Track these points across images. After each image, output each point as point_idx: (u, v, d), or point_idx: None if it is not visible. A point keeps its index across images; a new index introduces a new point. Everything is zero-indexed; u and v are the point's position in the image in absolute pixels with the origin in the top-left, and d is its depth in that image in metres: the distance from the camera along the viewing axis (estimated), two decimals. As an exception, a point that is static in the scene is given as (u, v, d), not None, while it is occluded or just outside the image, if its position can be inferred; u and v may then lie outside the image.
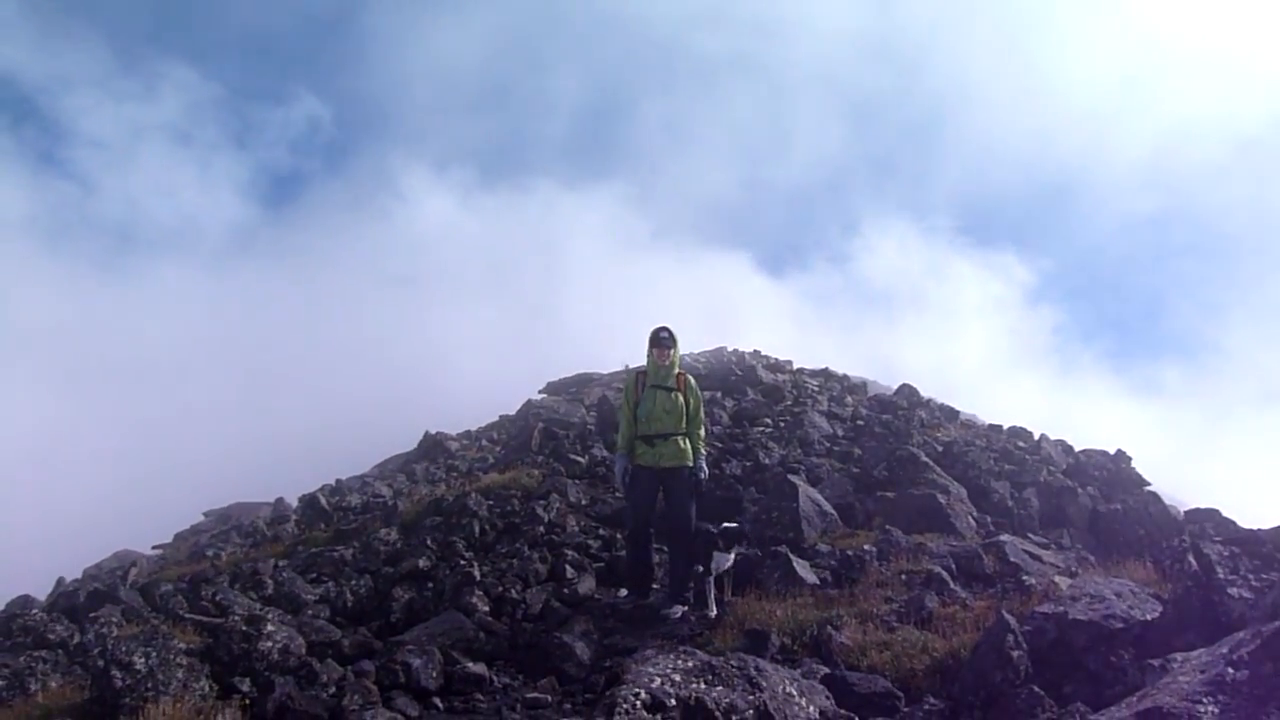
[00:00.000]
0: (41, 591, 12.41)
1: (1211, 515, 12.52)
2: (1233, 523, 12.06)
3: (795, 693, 3.50)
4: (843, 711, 3.64)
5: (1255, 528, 8.00)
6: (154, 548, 17.17)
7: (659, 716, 3.15)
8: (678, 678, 3.38)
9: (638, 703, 3.17)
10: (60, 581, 13.46)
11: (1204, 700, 3.42)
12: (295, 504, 16.50)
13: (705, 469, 8.29)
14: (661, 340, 8.05)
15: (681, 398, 8.00)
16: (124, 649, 5.98)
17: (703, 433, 8.22)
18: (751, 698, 3.28)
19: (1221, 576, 5.20)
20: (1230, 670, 3.54)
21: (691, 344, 30.89)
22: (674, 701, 3.20)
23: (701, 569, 7.58)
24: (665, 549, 8.52)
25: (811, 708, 3.50)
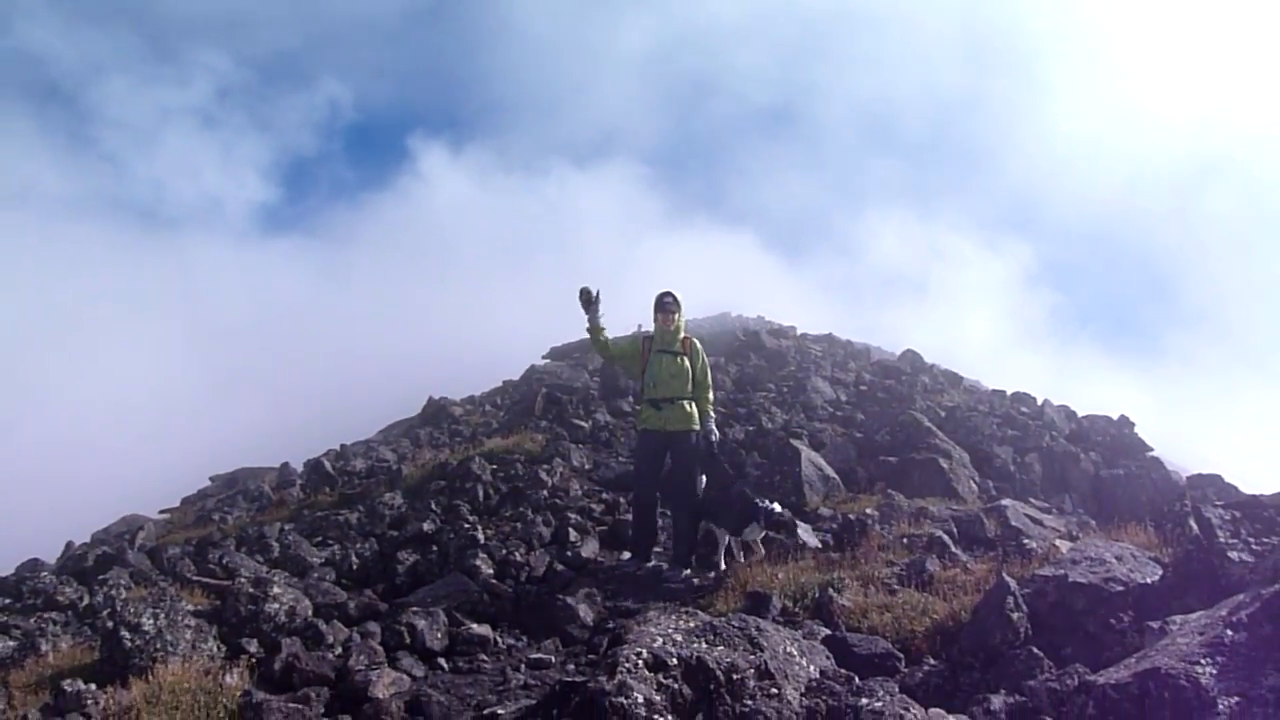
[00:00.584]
0: (50, 555, 12.51)
1: (1213, 481, 12.56)
2: (1235, 488, 12.09)
3: (796, 653, 3.54)
4: (843, 671, 3.68)
5: (1257, 493, 8.02)
6: (160, 512, 17.25)
7: (661, 675, 3.18)
8: (679, 638, 3.41)
9: (640, 661, 3.20)
10: (69, 545, 13.56)
11: (1202, 661, 3.45)
12: (300, 469, 16.58)
13: (716, 431, 8.32)
14: (665, 305, 8.02)
15: (688, 361, 7.98)
16: (133, 610, 6.04)
17: (711, 396, 8.21)
18: (753, 657, 3.31)
19: (1222, 540, 5.22)
20: (1229, 632, 3.56)
21: (696, 310, 30.85)
22: (675, 661, 3.23)
23: (721, 530, 7.64)
24: (669, 513, 8.57)
25: (812, 667, 3.53)
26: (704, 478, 8.08)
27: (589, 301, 8.01)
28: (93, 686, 5.46)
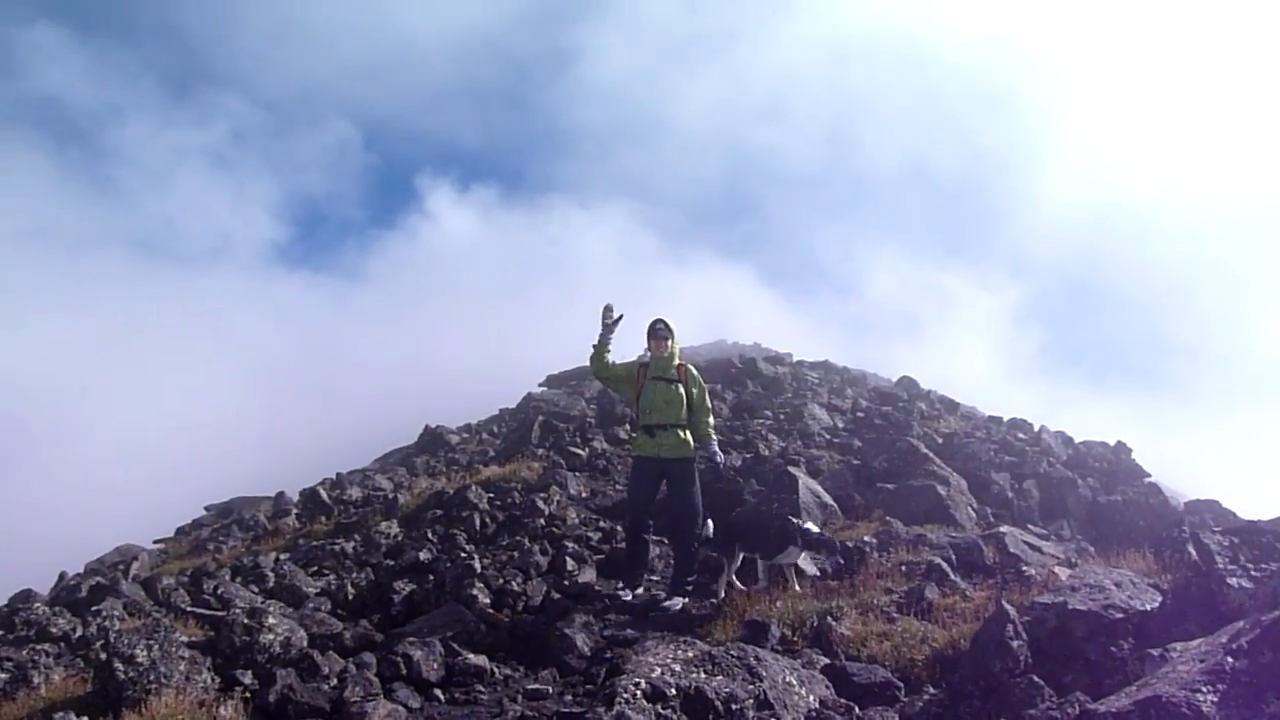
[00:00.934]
0: (43, 585, 12.41)
1: (1211, 506, 12.55)
2: (1232, 514, 12.08)
3: (795, 682, 3.51)
4: (842, 701, 3.65)
5: (1255, 519, 8.01)
6: (155, 542, 17.14)
7: (659, 706, 3.15)
8: (678, 667, 3.39)
9: (638, 692, 3.18)
10: (62, 575, 13.46)
11: (1203, 689, 3.43)
12: (295, 498, 16.52)
13: (720, 454, 8.32)
14: (658, 332, 8.05)
15: (683, 389, 8.00)
16: (126, 642, 5.99)
17: (711, 420, 8.22)
18: (751, 687, 3.29)
19: (1221, 566, 5.22)
20: (1229, 659, 3.55)
21: (692, 338, 30.90)
22: (674, 691, 3.21)
23: (726, 557, 7.65)
24: (666, 541, 8.54)
25: (811, 697, 3.50)
26: (710, 524, 8.05)
27: (609, 319, 8.08)
28: (85, 719, 5.42)
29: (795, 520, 7.69)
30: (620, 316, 8.11)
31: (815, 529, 7.70)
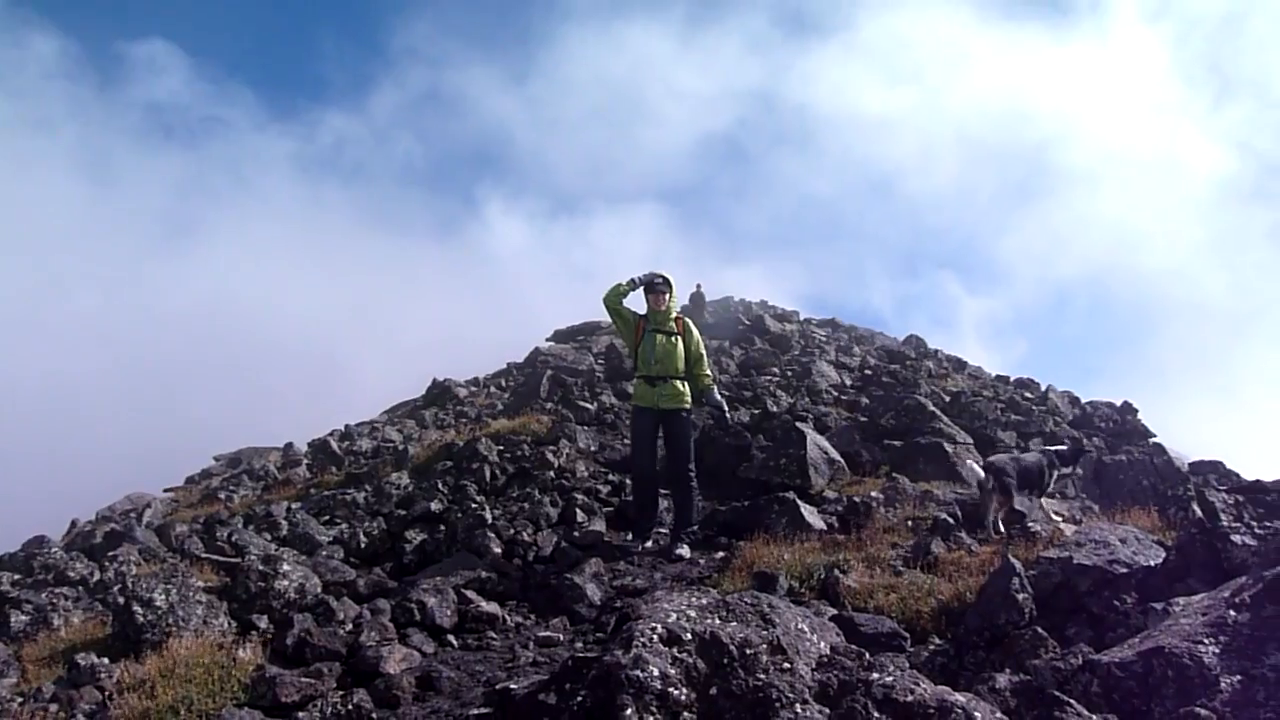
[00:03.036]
0: (53, 533, 12.59)
1: (1216, 467, 12.61)
2: (1237, 474, 12.14)
3: (807, 629, 3.58)
4: (853, 647, 3.73)
5: (1259, 479, 8.06)
6: (165, 490, 17.33)
7: (675, 649, 3.22)
8: (693, 613, 3.46)
9: (655, 636, 3.25)
10: (74, 523, 13.64)
11: (1205, 640, 3.49)
12: (304, 449, 16.65)
13: (724, 403, 8.56)
14: (656, 286, 8.16)
15: (681, 341, 8.14)
16: (144, 586, 6.11)
17: (709, 369, 8.40)
18: (765, 633, 3.36)
19: (1225, 524, 5.26)
20: (1232, 613, 3.61)
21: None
22: (690, 635, 3.28)
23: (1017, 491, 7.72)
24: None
25: (823, 644, 3.57)
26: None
27: (648, 279, 8.22)
28: (106, 660, 5.54)
29: (1049, 453, 8.08)
30: (651, 278, 8.19)
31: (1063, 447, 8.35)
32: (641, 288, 8.21)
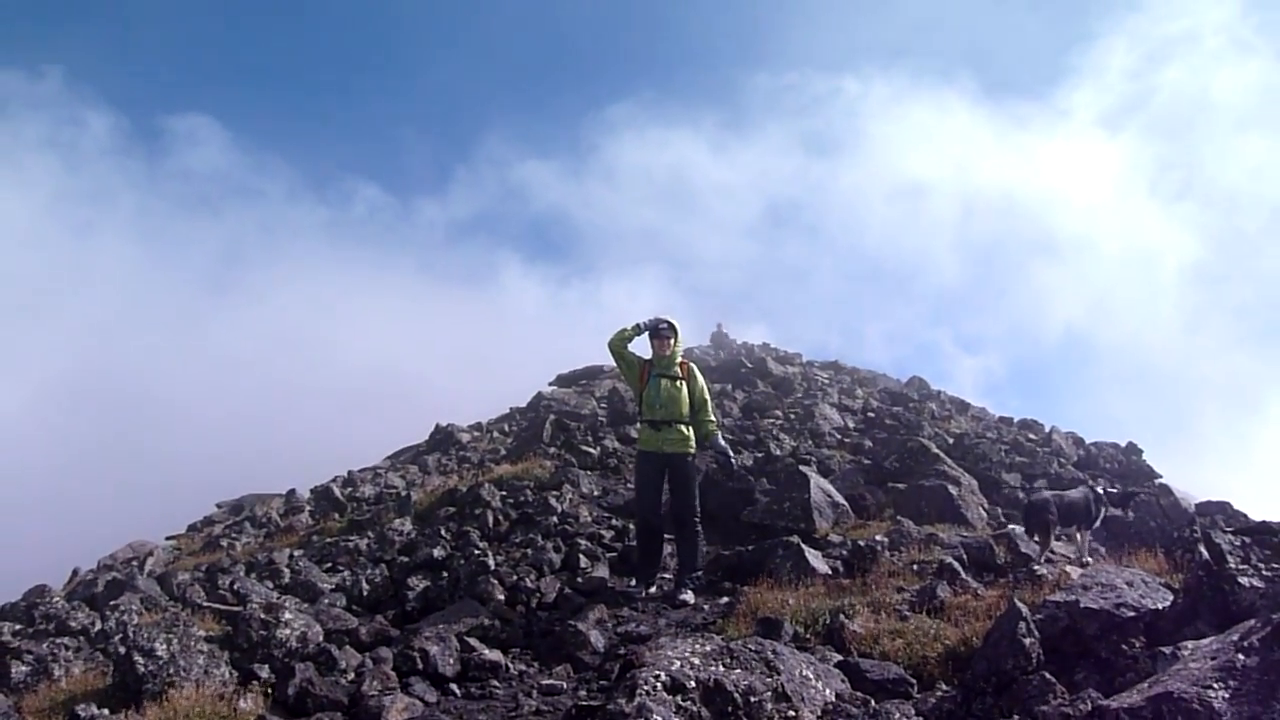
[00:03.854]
0: (54, 581, 12.53)
1: (1223, 507, 12.55)
2: (1244, 515, 12.08)
3: (812, 676, 3.56)
4: (858, 695, 3.70)
5: (1266, 519, 8.02)
6: (167, 538, 17.26)
7: (679, 697, 3.20)
8: (697, 660, 3.44)
9: (658, 684, 3.23)
10: (76, 571, 13.57)
11: (1214, 686, 3.46)
12: (307, 495, 16.60)
13: (729, 449, 8.59)
14: (661, 332, 8.20)
15: (685, 386, 8.15)
16: (146, 635, 6.08)
17: (713, 415, 8.39)
18: (769, 680, 3.34)
19: (1232, 566, 5.24)
20: (1241, 657, 3.58)
21: (698, 338, 30.95)
22: (694, 683, 3.26)
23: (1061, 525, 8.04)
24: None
25: (827, 690, 3.55)
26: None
27: (653, 324, 8.28)
28: (106, 711, 5.51)
29: (1096, 490, 8.33)
30: (656, 323, 8.25)
31: (1113, 489, 8.57)
32: (646, 333, 8.26)
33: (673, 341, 8.22)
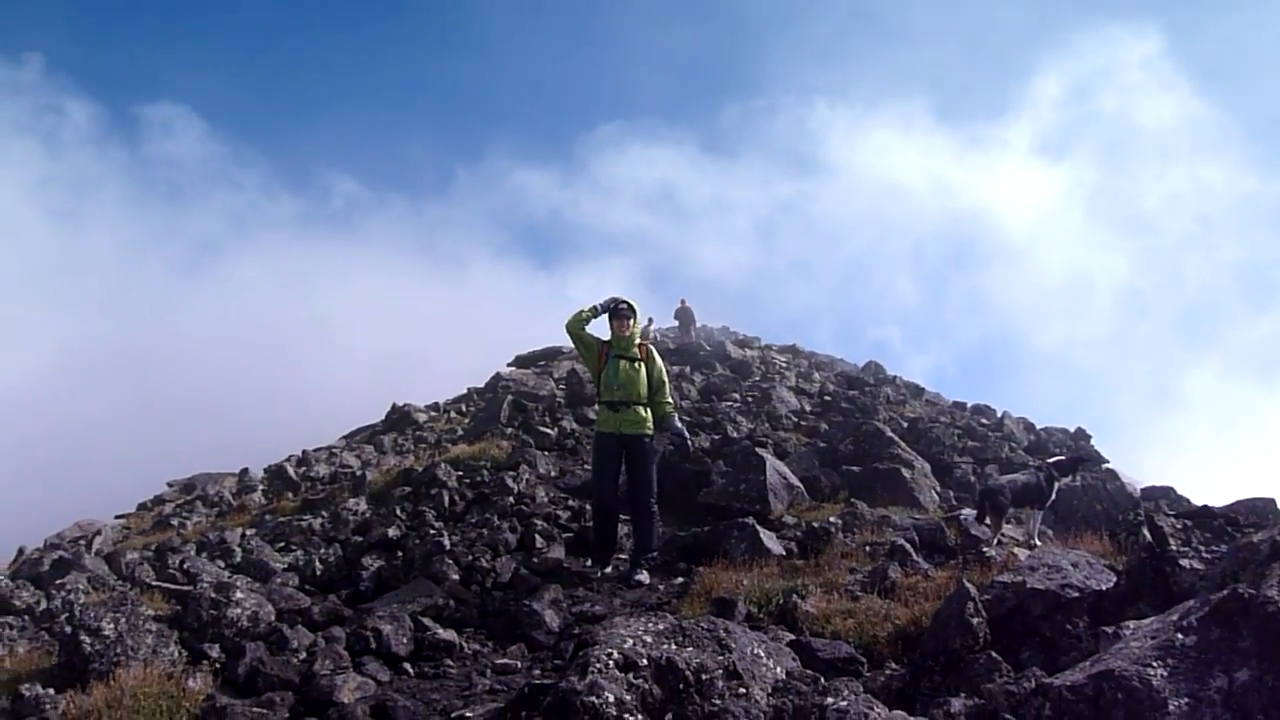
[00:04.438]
0: (0, 560, 12.28)
1: (1167, 492, 12.85)
2: (1187, 500, 12.38)
3: (763, 654, 3.59)
4: (809, 672, 3.74)
5: (1207, 504, 8.23)
6: (116, 517, 16.97)
7: (631, 675, 3.22)
8: (649, 639, 3.45)
9: (610, 662, 3.24)
10: (21, 550, 13.30)
11: (1154, 664, 3.55)
12: (260, 474, 16.41)
13: (685, 431, 8.66)
14: (620, 312, 8.19)
15: (644, 368, 8.15)
16: (92, 615, 5.97)
17: (671, 397, 8.44)
18: (721, 658, 3.36)
19: (1174, 548, 5.37)
20: (1180, 636, 3.67)
21: (661, 321, 30.96)
22: (645, 661, 3.27)
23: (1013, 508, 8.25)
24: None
25: (779, 669, 3.58)
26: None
27: (612, 305, 8.26)
28: (51, 691, 5.40)
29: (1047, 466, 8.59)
30: (615, 304, 8.23)
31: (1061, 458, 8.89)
32: (605, 315, 8.24)
33: (631, 322, 8.22)
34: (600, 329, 8.37)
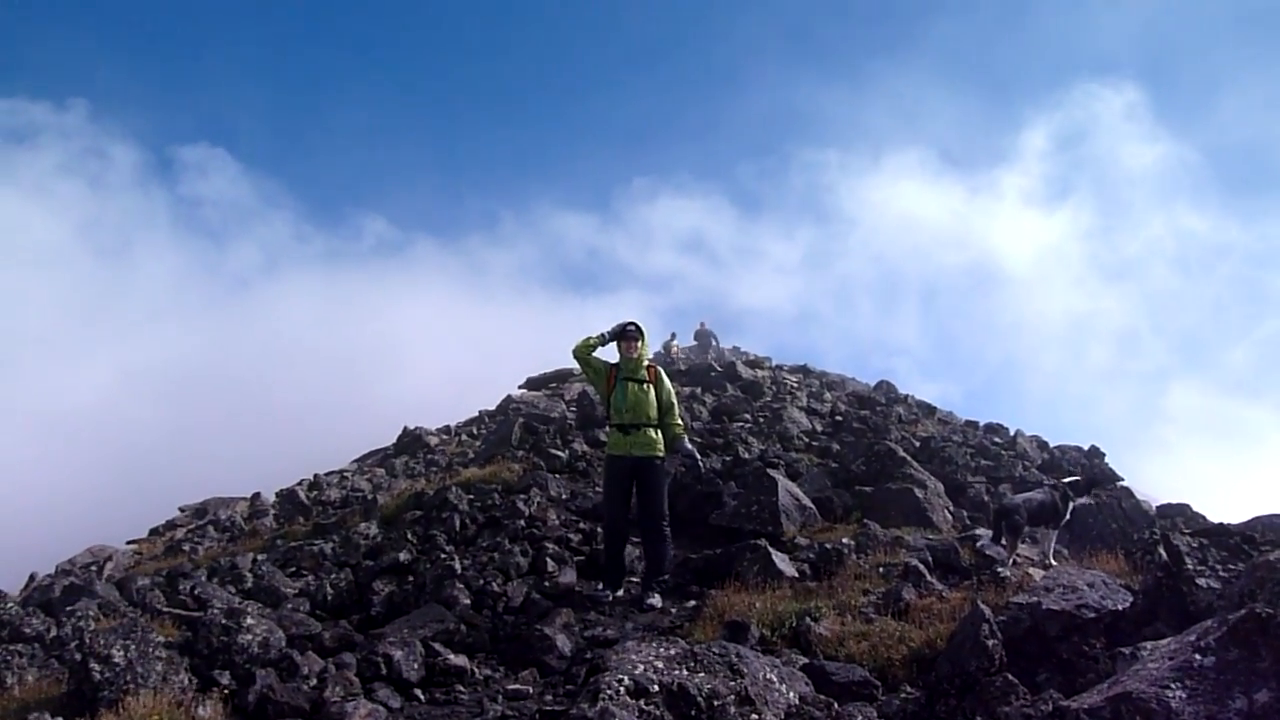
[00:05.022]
0: (12, 587, 12.29)
1: (1182, 510, 12.72)
2: (1202, 517, 12.25)
3: (775, 679, 3.55)
4: (822, 697, 3.70)
5: (1224, 522, 8.15)
6: (128, 543, 17.01)
7: (642, 702, 3.19)
8: (660, 664, 3.42)
9: (621, 689, 3.21)
10: (33, 576, 13.33)
11: (1172, 685, 3.50)
12: (272, 499, 16.42)
13: (696, 453, 8.63)
14: (629, 334, 8.19)
15: (653, 390, 8.14)
16: (102, 642, 5.95)
17: (680, 419, 8.40)
18: (733, 684, 3.33)
19: (1190, 567, 5.31)
20: (1198, 657, 3.62)
21: (685, 338, 30.99)
22: (657, 688, 3.24)
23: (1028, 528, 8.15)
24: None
25: (791, 694, 3.55)
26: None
27: (619, 331, 8.24)
28: (61, 719, 5.38)
29: (1062, 486, 8.50)
30: (623, 327, 8.23)
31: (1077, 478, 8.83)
32: (613, 341, 8.24)
33: (640, 344, 8.21)
34: (610, 355, 8.38)
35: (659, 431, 8.15)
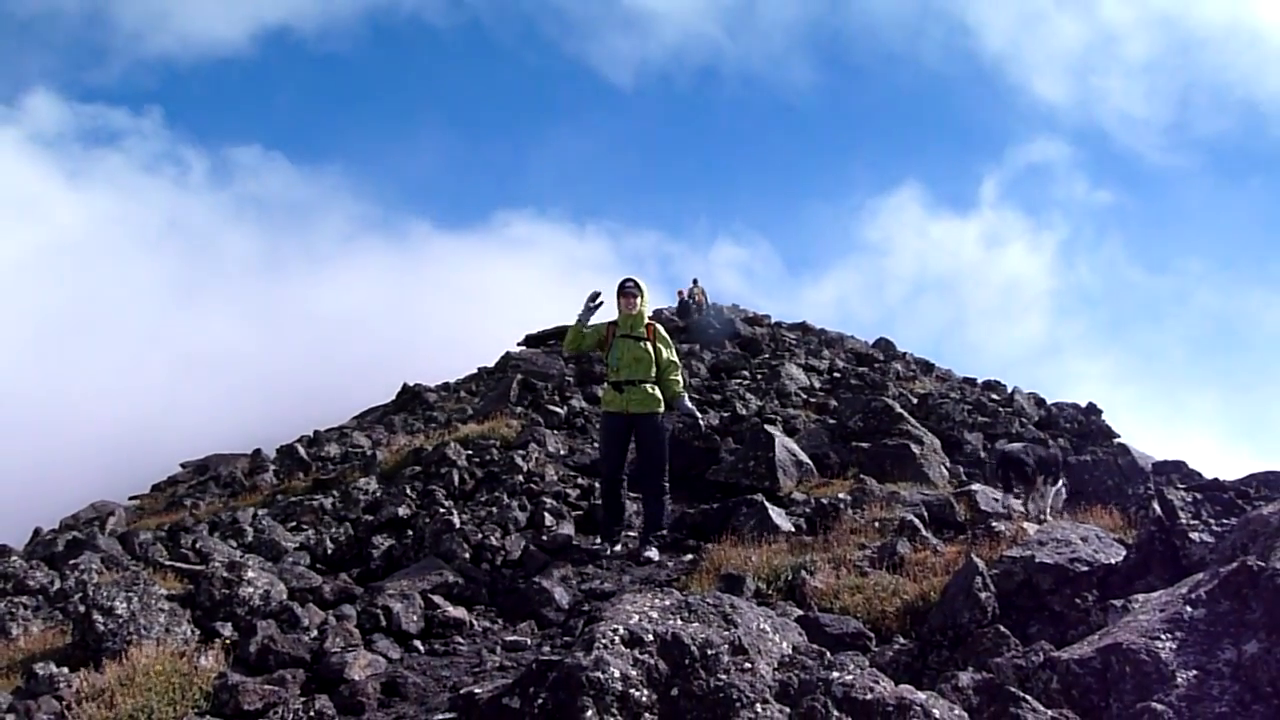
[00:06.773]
0: (16, 541, 12.37)
1: (1178, 466, 12.77)
2: (1198, 474, 12.31)
3: (769, 629, 3.60)
4: (814, 647, 3.75)
5: (1218, 478, 8.19)
6: (130, 498, 17.10)
7: (637, 651, 3.22)
8: (655, 615, 3.46)
9: (616, 638, 3.25)
10: (37, 531, 13.42)
11: (1162, 637, 3.54)
12: (273, 455, 16.48)
13: (696, 411, 8.65)
14: (627, 290, 8.14)
15: (651, 346, 8.10)
16: (105, 594, 6.01)
17: (680, 376, 8.34)
18: (727, 633, 3.37)
19: (1184, 522, 5.35)
20: (1188, 609, 3.65)
21: (668, 299, 30.90)
22: (651, 637, 3.28)
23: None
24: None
25: (785, 644, 3.59)
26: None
27: (593, 304, 8.20)
28: (65, 670, 5.44)
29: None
30: (601, 301, 8.19)
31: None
32: (594, 311, 8.19)
33: (638, 300, 8.16)
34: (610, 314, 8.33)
35: (657, 387, 8.12)
